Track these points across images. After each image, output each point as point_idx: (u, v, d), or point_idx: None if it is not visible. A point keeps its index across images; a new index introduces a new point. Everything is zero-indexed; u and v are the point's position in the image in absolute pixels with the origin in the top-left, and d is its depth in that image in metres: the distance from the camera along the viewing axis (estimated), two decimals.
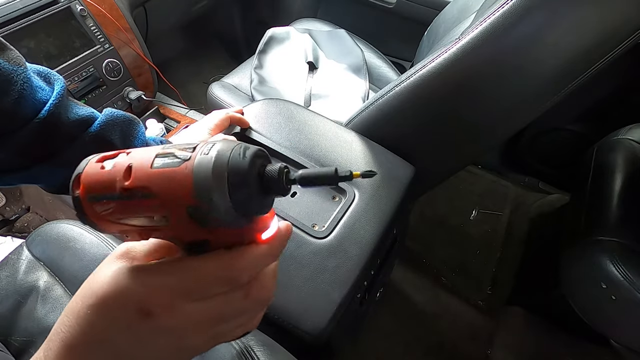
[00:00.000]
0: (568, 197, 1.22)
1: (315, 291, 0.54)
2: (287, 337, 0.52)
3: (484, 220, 1.36)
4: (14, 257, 0.64)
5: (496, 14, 0.52)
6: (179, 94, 1.01)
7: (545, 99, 0.61)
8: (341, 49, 1.11)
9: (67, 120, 0.36)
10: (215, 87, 0.99)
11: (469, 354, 1.08)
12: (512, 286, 1.20)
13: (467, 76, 0.59)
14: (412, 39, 1.19)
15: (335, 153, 0.68)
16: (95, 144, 0.38)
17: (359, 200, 0.63)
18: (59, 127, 0.35)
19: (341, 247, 0.58)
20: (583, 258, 0.84)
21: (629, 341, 0.84)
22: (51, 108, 0.34)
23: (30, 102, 0.33)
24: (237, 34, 1.61)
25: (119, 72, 0.82)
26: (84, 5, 0.76)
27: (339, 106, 0.96)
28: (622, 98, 1.13)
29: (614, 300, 0.77)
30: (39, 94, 0.34)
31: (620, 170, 0.94)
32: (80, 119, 0.37)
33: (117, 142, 0.40)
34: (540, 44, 0.52)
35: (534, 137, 1.28)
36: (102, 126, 0.38)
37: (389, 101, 0.67)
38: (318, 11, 1.44)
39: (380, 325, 1.08)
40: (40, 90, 0.35)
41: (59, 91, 0.36)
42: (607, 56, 0.52)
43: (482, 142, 0.74)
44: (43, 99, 0.34)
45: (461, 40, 0.56)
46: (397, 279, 1.18)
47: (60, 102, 0.35)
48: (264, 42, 1.09)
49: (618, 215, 0.85)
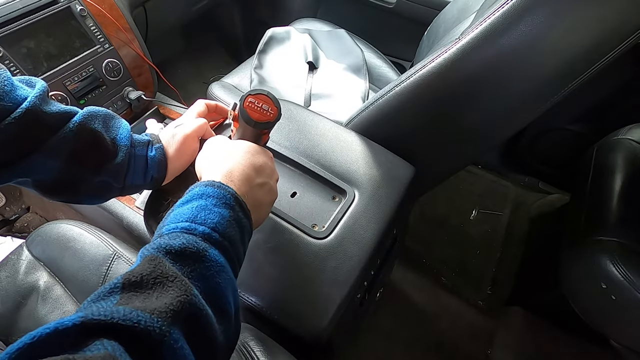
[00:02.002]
0: (568, 197, 1.22)
1: (315, 291, 0.54)
2: (287, 337, 0.52)
3: (484, 220, 1.36)
4: (14, 257, 0.64)
5: (496, 14, 0.52)
6: (179, 94, 1.01)
7: (545, 99, 0.61)
8: (341, 49, 1.11)
9: (49, 113, 0.37)
10: (215, 87, 0.99)
11: (469, 354, 1.08)
12: (512, 286, 1.20)
13: (467, 76, 0.59)
14: (412, 39, 1.19)
15: (335, 153, 0.68)
16: (79, 134, 0.38)
17: (359, 200, 0.63)
18: (42, 119, 0.36)
19: (341, 248, 0.58)
20: (583, 258, 0.84)
21: (629, 341, 0.84)
22: (33, 100, 0.35)
23: (12, 97, 0.35)
24: (237, 34, 1.61)
25: (118, 72, 0.82)
26: (83, 5, 0.75)
27: (339, 106, 0.96)
28: (622, 98, 1.13)
29: (614, 300, 0.77)
30: (19, 92, 0.36)
31: (620, 170, 0.94)
32: (62, 112, 0.38)
33: (101, 130, 0.41)
34: (540, 44, 0.52)
35: (534, 137, 1.29)
36: (85, 116, 0.40)
37: (389, 101, 0.67)
38: (318, 11, 1.44)
39: (380, 325, 1.08)
40: (21, 89, 0.36)
41: (40, 88, 0.37)
42: (607, 56, 0.52)
43: (482, 142, 0.74)
44: (24, 96, 0.36)
45: (461, 40, 0.56)
46: (397, 279, 1.18)
47: (41, 97, 0.36)
48: (264, 42, 1.09)
49: (618, 215, 0.85)
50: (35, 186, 0.40)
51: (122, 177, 0.43)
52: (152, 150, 0.45)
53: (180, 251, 0.28)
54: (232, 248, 0.32)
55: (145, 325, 0.21)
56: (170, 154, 0.46)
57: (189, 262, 0.28)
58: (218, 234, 0.31)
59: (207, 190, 0.34)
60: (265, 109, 0.41)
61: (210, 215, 0.32)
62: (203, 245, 0.29)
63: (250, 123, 0.41)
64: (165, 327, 0.22)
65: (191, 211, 0.32)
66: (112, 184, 0.43)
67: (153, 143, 0.46)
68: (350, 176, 0.65)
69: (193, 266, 0.28)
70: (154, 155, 0.45)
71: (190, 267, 0.28)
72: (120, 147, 0.42)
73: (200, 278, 0.28)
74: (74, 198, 0.43)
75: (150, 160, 0.45)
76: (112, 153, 0.42)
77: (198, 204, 0.33)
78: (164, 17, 1.20)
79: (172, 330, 0.22)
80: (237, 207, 0.35)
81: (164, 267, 0.26)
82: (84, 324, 0.20)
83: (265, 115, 0.41)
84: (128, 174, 0.43)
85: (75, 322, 0.20)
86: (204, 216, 0.32)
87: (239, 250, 0.34)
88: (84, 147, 0.39)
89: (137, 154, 0.44)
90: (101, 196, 0.44)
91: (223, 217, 0.33)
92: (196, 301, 0.25)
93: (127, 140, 0.43)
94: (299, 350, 0.51)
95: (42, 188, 0.40)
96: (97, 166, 0.41)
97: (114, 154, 0.42)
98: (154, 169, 0.45)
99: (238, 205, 0.35)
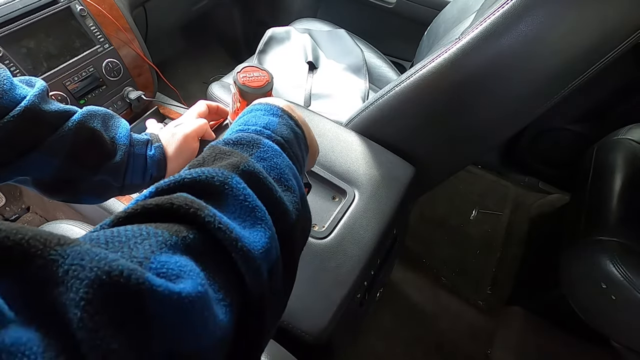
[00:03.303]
0: (568, 197, 1.22)
1: (315, 291, 0.54)
2: (287, 337, 0.52)
3: (484, 220, 1.36)
4: None
5: (496, 14, 0.52)
6: (179, 94, 1.01)
7: (545, 99, 0.61)
8: (341, 49, 1.11)
9: (48, 111, 0.37)
10: (215, 87, 0.99)
11: (469, 354, 1.08)
12: (512, 286, 1.20)
13: (466, 76, 0.59)
14: (412, 39, 1.19)
15: (335, 153, 0.68)
16: (78, 133, 0.39)
17: (359, 200, 0.63)
18: (41, 117, 0.36)
19: (341, 248, 0.58)
20: (583, 258, 0.84)
21: (629, 341, 0.84)
22: (32, 99, 0.35)
23: (11, 96, 0.35)
24: (237, 34, 1.61)
25: (118, 72, 0.82)
26: (83, 5, 0.75)
27: (339, 106, 0.96)
28: (622, 98, 1.13)
29: (614, 300, 0.77)
30: (19, 90, 0.36)
31: (620, 170, 0.94)
32: (61, 111, 0.38)
33: (100, 129, 0.41)
34: (540, 44, 0.52)
35: (534, 137, 1.29)
36: (84, 115, 0.40)
37: (389, 101, 0.67)
38: (318, 11, 1.44)
39: (380, 325, 1.08)
40: (20, 88, 0.36)
41: (40, 87, 0.37)
42: (607, 56, 0.52)
43: (482, 142, 0.74)
44: (23, 94, 0.36)
45: (461, 40, 0.56)
46: (397, 279, 1.18)
47: (41, 95, 0.37)
48: (264, 42, 1.09)
49: (618, 215, 0.85)
50: (35, 185, 0.40)
51: (121, 176, 0.43)
52: (151, 149, 0.45)
53: (236, 140, 0.29)
54: (287, 145, 0.32)
55: (209, 174, 0.23)
56: (169, 153, 0.46)
57: (246, 148, 0.29)
58: (270, 131, 0.32)
59: (255, 106, 0.36)
60: (257, 75, 0.47)
61: (260, 119, 0.33)
62: (257, 137, 0.30)
63: (256, 92, 0.46)
64: (226, 173, 0.24)
65: (242, 121, 0.34)
66: (111, 183, 0.43)
67: (152, 142, 0.46)
68: (350, 176, 0.65)
69: (251, 150, 0.29)
70: (153, 154, 0.45)
71: (248, 151, 0.29)
72: (119, 146, 0.42)
73: (258, 159, 0.28)
74: (74, 197, 0.43)
75: (150, 159, 0.45)
76: (111, 152, 0.42)
77: (248, 115, 0.34)
78: (164, 17, 1.20)
79: (232, 175, 0.24)
80: (285, 115, 0.35)
81: (223, 148, 0.28)
82: (157, 189, 0.23)
83: (262, 79, 0.47)
84: (127, 173, 0.43)
85: (150, 191, 0.23)
86: (255, 120, 0.33)
87: (295, 150, 0.33)
88: (83, 146, 0.39)
89: (136, 152, 0.44)
90: (101, 195, 0.44)
91: (272, 121, 0.33)
92: (255, 165, 0.26)
93: (126, 139, 0.43)
94: (299, 350, 0.51)
95: (42, 187, 0.40)
96: (96, 165, 0.41)
97: (113, 153, 0.42)
98: (153, 168, 0.45)
99: (287, 115, 0.35)
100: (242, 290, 0.22)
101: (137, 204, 0.21)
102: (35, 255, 0.14)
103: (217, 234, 0.21)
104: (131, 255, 0.17)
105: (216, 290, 0.20)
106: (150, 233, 0.19)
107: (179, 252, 0.19)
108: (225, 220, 0.21)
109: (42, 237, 0.15)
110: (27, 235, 0.14)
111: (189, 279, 0.17)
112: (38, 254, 0.14)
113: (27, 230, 0.15)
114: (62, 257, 0.15)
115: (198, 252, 0.20)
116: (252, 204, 0.24)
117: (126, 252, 0.17)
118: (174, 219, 0.21)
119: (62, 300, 0.14)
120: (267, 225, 0.24)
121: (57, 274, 0.14)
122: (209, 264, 0.20)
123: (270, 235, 0.24)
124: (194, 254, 0.20)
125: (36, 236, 0.15)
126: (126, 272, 0.15)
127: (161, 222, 0.20)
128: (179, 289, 0.16)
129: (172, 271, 0.17)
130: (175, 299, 0.16)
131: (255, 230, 0.23)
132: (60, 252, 0.15)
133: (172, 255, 0.18)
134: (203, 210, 0.21)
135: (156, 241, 0.18)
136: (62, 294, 0.14)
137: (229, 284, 0.21)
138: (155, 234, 0.19)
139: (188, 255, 0.19)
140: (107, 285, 0.14)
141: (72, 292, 0.14)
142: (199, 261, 0.19)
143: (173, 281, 0.17)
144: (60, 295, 0.14)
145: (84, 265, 0.14)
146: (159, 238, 0.19)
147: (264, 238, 0.23)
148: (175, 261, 0.18)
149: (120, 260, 0.15)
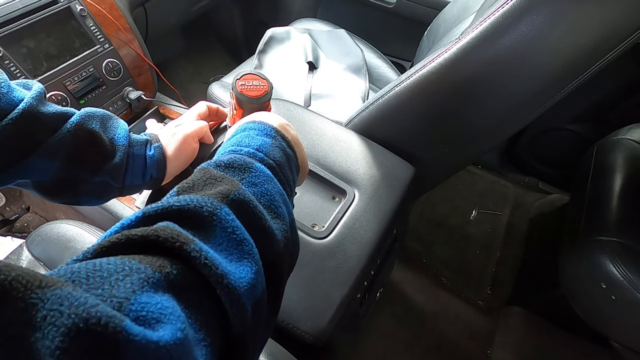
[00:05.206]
0: (568, 197, 1.22)
1: (315, 291, 0.54)
2: (287, 337, 0.52)
3: (484, 220, 1.36)
4: (14, 258, 0.64)
5: (496, 14, 0.52)
6: (179, 94, 1.01)
7: (545, 99, 0.61)
8: (341, 49, 1.11)
9: (46, 114, 0.37)
10: (215, 87, 0.99)
11: (469, 353, 1.08)
12: (512, 286, 1.20)
13: (467, 76, 0.59)
14: (412, 39, 1.19)
15: (335, 153, 0.68)
16: (77, 135, 0.38)
17: (359, 200, 0.63)
18: (39, 120, 0.36)
19: (341, 247, 0.58)
20: (583, 258, 0.84)
21: (629, 341, 0.84)
22: (30, 101, 0.35)
23: (9, 99, 0.35)
24: (237, 34, 1.61)
25: (118, 72, 0.82)
26: (83, 5, 0.75)
27: (339, 106, 0.96)
28: (622, 98, 1.13)
29: (614, 300, 0.77)
30: (16, 93, 0.36)
31: (620, 170, 0.94)
32: (59, 113, 0.38)
33: (99, 130, 0.41)
34: (540, 44, 0.52)
35: (534, 137, 1.29)
36: (82, 117, 0.40)
37: (389, 101, 0.67)
38: (318, 11, 1.44)
39: (380, 325, 1.08)
40: (17, 91, 0.36)
41: (37, 90, 0.37)
42: (607, 56, 0.52)
43: (482, 142, 0.74)
44: (21, 97, 0.36)
45: (461, 40, 0.56)
46: (397, 279, 1.18)
47: (38, 98, 0.37)
48: (264, 42, 1.09)
49: (618, 215, 0.85)
50: (35, 188, 0.40)
51: (120, 177, 0.43)
52: (150, 149, 0.45)
53: (228, 163, 0.30)
54: (279, 168, 0.32)
55: (197, 203, 0.23)
56: (169, 153, 0.46)
57: (238, 172, 0.29)
58: (262, 154, 0.32)
59: (249, 125, 0.36)
60: (257, 84, 0.46)
61: (253, 140, 0.33)
62: (249, 160, 0.30)
63: (253, 102, 0.45)
64: (215, 203, 0.24)
65: (235, 140, 0.34)
66: (111, 184, 0.43)
67: (152, 142, 0.46)
68: (350, 176, 0.65)
69: (242, 175, 0.29)
70: (152, 154, 0.45)
71: (239, 176, 0.29)
72: (118, 147, 0.42)
73: (249, 185, 0.29)
74: (74, 199, 0.43)
75: (149, 159, 0.45)
76: (110, 153, 0.42)
77: (241, 135, 0.34)
78: (164, 17, 1.20)
79: (222, 206, 0.24)
80: (279, 137, 0.35)
81: (214, 173, 0.28)
82: (144, 215, 0.23)
83: (260, 89, 0.46)
84: (127, 173, 0.43)
85: (137, 216, 0.23)
86: (248, 141, 0.33)
87: (287, 173, 0.34)
88: (81, 148, 0.39)
89: (136, 153, 0.44)
90: (101, 196, 0.44)
91: (265, 142, 0.34)
92: (245, 193, 0.26)
93: (125, 139, 0.43)
94: (299, 350, 0.51)
95: (42, 189, 0.40)
96: (95, 166, 0.41)
97: (112, 154, 0.42)
98: (153, 168, 0.45)
99: (280, 136, 0.35)
100: (225, 325, 0.21)
101: (121, 233, 0.20)
102: (16, 299, 0.14)
103: (202, 270, 0.20)
104: (111, 294, 0.17)
105: (197, 330, 0.19)
106: (133, 268, 0.18)
107: (161, 290, 0.19)
108: (211, 255, 0.21)
109: (24, 278, 0.14)
110: (10, 276, 0.14)
111: (168, 323, 0.17)
112: (19, 297, 0.14)
113: (10, 270, 0.14)
114: (41, 300, 0.14)
115: (181, 288, 0.20)
116: (240, 236, 0.24)
117: (107, 290, 0.17)
118: (158, 252, 0.20)
119: (38, 346, 0.14)
120: (254, 260, 0.24)
121: (36, 319, 0.14)
122: (192, 301, 0.20)
123: (257, 270, 0.24)
124: (177, 291, 0.19)
125: (18, 277, 0.14)
126: (104, 319, 0.15)
127: (145, 254, 0.20)
128: (157, 337, 0.16)
129: (152, 314, 0.17)
130: (153, 349, 0.16)
131: (241, 264, 0.23)
132: (41, 296, 0.14)
133: (153, 295, 0.18)
134: (189, 244, 0.20)
135: (138, 278, 0.18)
136: (38, 340, 0.14)
137: (212, 319, 0.21)
138: (137, 269, 0.18)
139: (170, 293, 0.19)
140: (83, 334, 0.14)
141: (47, 339, 0.14)
142: (182, 299, 0.19)
143: (152, 326, 0.17)
144: (36, 342, 0.14)
145: (62, 312, 0.14)
146: (142, 275, 0.18)
147: (250, 273, 0.23)
148: (157, 302, 0.18)
149: (100, 305, 0.15)
